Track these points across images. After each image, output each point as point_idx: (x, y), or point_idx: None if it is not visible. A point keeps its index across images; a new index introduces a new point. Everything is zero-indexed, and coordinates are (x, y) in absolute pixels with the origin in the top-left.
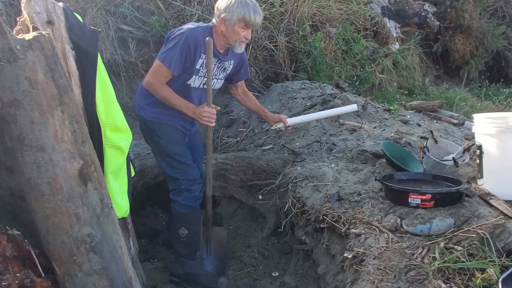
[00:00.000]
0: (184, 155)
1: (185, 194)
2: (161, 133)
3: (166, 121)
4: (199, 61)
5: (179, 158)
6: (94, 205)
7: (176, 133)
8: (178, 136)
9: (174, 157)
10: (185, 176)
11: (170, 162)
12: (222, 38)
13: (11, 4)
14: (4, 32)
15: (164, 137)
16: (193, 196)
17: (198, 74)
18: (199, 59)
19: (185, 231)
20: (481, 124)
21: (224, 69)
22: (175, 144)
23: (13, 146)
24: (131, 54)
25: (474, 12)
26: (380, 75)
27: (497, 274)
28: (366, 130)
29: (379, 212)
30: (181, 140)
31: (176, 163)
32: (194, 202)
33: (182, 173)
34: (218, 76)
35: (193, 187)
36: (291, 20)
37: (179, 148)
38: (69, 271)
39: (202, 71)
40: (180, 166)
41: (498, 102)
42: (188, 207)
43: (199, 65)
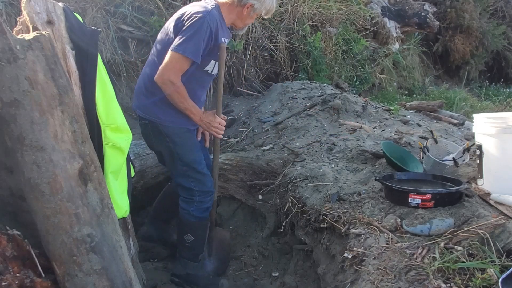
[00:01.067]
0: (200, 162)
1: (196, 205)
2: (178, 140)
3: (181, 124)
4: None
5: (196, 167)
6: (94, 205)
7: (192, 137)
8: (193, 140)
9: (191, 166)
10: (200, 188)
11: (185, 171)
12: (235, 18)
13: (11, 4)
14: (4, 32)
15: (180, 144)
16: (205, 207)
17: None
18: (220, 44)
19: (191, 238)
20: (481, 124)
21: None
22: (192, 151)
23: (13, 146)
24: (131, 54)
25: (474, 12)
26: (380, 75)
27: (497, 274)
28: (366, 130)
29: (379, 212)
30: (197, 144)
31: (192, 172)
32: (204, 213)
33: (197, 184)
34: None
35: (206, 199)
36: (291, 20)
37: (196, 155)
38: (69, 271)
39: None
40: (196, 176)
41: (498, 102)
42: (197, 218)
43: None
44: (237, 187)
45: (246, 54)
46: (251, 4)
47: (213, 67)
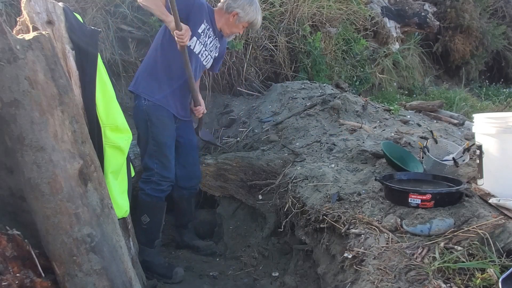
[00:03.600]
0: (170, 147)
1: (152, 185)
2: (155, 120)
3: (161, 102)
4: (201, 26)
5: (165, 150)
6: (94, 205)
7: (169, 122)
8: (170, 125)
9: (160, 147)
10: (160, 170)
11: (154, 151)
12: (223, 24)
13: (11, 4)
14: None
15: (157, 124)
16: (160, 189)
17: (199, 39)
18: (201, 23)
19: (147, 219)
20: (481, 124)
21: (216, 47)
22: (165, 135)
23: (13, 146)
24: (131, 54)
25: (474, 12)
26: (380, 75)
27: (497, 274)
28: (366, 130)
29: (379, 212)
30: (172, 130)
31: (159, 154)
32: (160, 194)
33: (159, 166)
34: (211, 53)
35: (163, 183)
36: (291, 20)
37: (168, 139)
38: (69, 271)
39: (204, 40)
40: (162, 159)
41: (498, 102)
42: (153, 197)
43: (201, 30)
44: (237, 187)
45: (246, 54)
46: (236, 13)
47: (194, 43)
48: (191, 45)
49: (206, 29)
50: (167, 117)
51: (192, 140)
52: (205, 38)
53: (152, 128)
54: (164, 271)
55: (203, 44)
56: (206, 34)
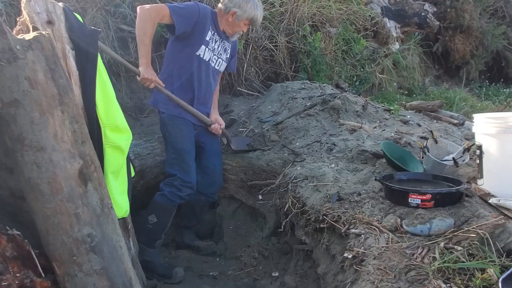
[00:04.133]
0: (189, 152)
1: (173, 189)
2: (172, 128)
3: (175, 112)
4: (208, 33)
5: (185, 156)
6: (94, 205)
7: (186, 129)
8: (187, 132)
9: (180, 154)
10: (182, 175)
11: (174, 159)
12: (224, 24)
13: (11, 4)
14: (4, 32)
15: (174, 133)
16: (179, 194)
17: (208, 46)
18: (208, 31)
19: (154, 219)
20: (481, 124)
21: (225, 49)
22: (183, 141)
23: (13, 146)
24: (131, 54)
25: (474, 12)
26: (380, 75)
27: (497, 274)
28: (366, 130)
29: (379, 212)
30: (190, 138)
31: (180, 161)
32: (177, 199)
33: (181, 172)
34: (221, 56)
35: (184, 189)
36: (291, 20)
37: (186, 145)
38: (69, 271)
39: (212, 46)
40: (182, 165)
41: (498, 102)
42: (169, 200)
43: (209, 37)
44: (237, 187)
45: (246, 54)
46: (234, 12)
47: (204, 52)
48: (200, 54)
49: (212, 35)
50: (184, 124)
51: (213, 146)
52: (212, 44)
53: (170, 138)
54: (164, 271)
55: (212, 50)
56: (213, 40)
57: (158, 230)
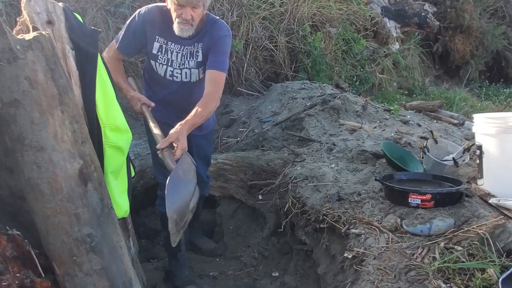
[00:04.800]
0: None
1: (160, 201)
2: (149, 132)
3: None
4: (155, 44)
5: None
6: (94, 205)
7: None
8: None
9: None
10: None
11: (154, 165)
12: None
13: (11, 4)
14: (4, 32)
15: (150, 137)
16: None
17: (157, 61)
18: (153, 41)
19: (166, 233)
20: (481, 124)
21: (190, 54)
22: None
23: (13, 146)
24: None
25: (474, 12)
26: (380, 75)
27: (497, 274)
28: (366, 130)
29: (379, 212)
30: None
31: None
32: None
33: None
34: (187, 65)
35: None
36: (291, 20)
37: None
38: (69, 271)
39: (162, 58)
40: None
41: (498, 102)
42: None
43: (156, 49)
44: (237, 187)
45: (246, 54)
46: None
47: (155, 68)
48: (158, 71)
49: (162, 44)
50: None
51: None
52: (165, 56)
53: (149, 141)
54: (179, 284)
55: (166, 64)
56: (163, 50)
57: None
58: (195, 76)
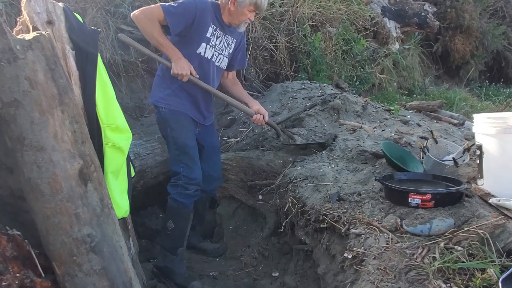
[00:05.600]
0: (193, 148)
1: (179, 189)
2: (174, 124)
3: (178, 107)
4: (209, 29)
5: (189, 151)
6: (94, 205)
7: (189, 124)
8: (190, 127)
9: (183, 150)
10: (186, 173)
11: (178, 155)
12: (228, 15)
13: (11, 4)
14: (4, 32)
15: (176, 128)
16: (187, 193)
17: (209, 43)
18: (208, 27)
19: (172, 225)
20: (481, 124)
21: (227, 44)
22: (186, 136)
23: (13, 146)
24: (131, 54)
25: (474, 12)
26: (380, 75)
27: (497, 274)
28: (366, 130)
29: (379, 212)
30: (192, 133)
31: (184, 156)
32: (186, 199)
33: (185, 169)
34: (223, 52)
35: (190, 187)
36: (291, 20)
37: (189, 140)
38: (69, 271)
39: (214, 42)
40: (187, 162)
41: (498, 102)
42: (179, 203)
43: (210, 33)
44: (237, 187)
45: (246, 54)
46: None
47: (204, 49)
48: (201, 52)
49: (213, 30)
50: (186, 119)
51: (213, 143)
52: (214, 41)
53: (173, 133)
54: (181, 281)
55: (213, 47)
56: (214, 36)
57: (177, 236)
58: (224, 64)
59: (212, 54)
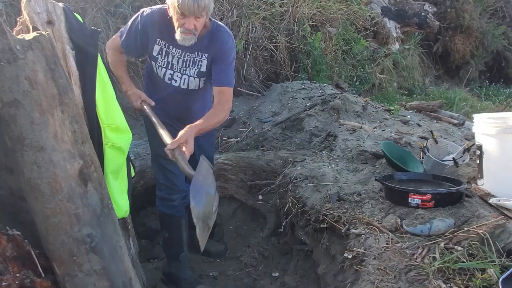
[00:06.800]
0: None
1: (163, 201)
2: (150, 128)
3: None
4: (155, 47)
5: (161, 161)
6: (94, 205)
7: None
8: None
9: (157, 159)
10: (165, 181)
11: (155, 165)
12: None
13: (11, 4)
14: (4, 32)
15: (151, 137)
16: (171, 204)
17: (158, 63)
18: (154, 44)
19: (166, 234)
20: (481, 124)
21: (193, 62)
22: (158, 144)
23: (13, 146)
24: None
25: (474, 12)
26: (380, 75)
27: (497, 274)
28: (366, 130)
29: (379, 212)
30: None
31: (159, 165)
32: (172, 210)
33: (164, 178)
34: (188, 72)
35: (173, 197)
36: (291, 20)
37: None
38: (69, 271)
39: (162, 61)
40: (162, 171)
41: (498, 102)
42: (166, 215)
43: (156, 52)
44: (237, 187)
45: (246, 54)
46: (168, 6)
47: (157, 70)
48: (158, 73)
49: (163, 46)
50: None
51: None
52: (165, 59)
53: (149, 142)
54: (186, 286)
55: (166, 67)
56: (164, 54)
57: (174, 243)
58: (194, 84)
59: (164, 73)
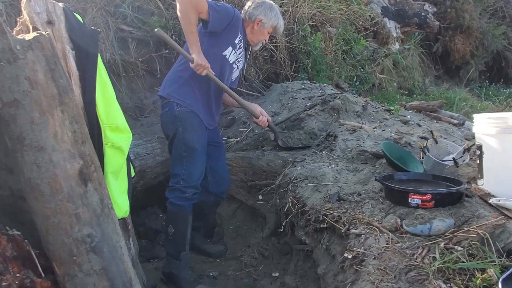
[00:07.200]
0: (201, 154)
1: (177, 193)
2: (188, 125)
3: (194, 107)
4: (238, 37)
5: (195, 155)
6: (94, 205)
7: (201, 129)
8: (201, 132)
9: (191, 153)
10: (186, 177)
11: (183, 157)
12: (249, 33)
13: (11, 4)
14: (4, 32)
15: (190, 130)
16: (184, 196)
17: (235, 49)
18: (238, 34)
19: (172, 230)
20: (481, 124)
21: (243, 58)
22: (198, 140)
23: (13, 146)
24: (131, 55)
25: (474, 12)
26: (380, 75)
27: (497, 275)
28: (366, 130)
29: (379, 212)
30: (204, 137)
31: (188, 159)
32: (184, 202)
33: (186, 173)
34: (239, 64)
35: (187, 190)
36: (291, 20)
37: (199, 146)
38: (69, 271)
39: (238, 50)
40: (188, 164)
41: (498, 102)
42: (177, 206)
43: (237, 41)
44: (237, 187)
45: (246, 54)
46: (260, 19)
47: (230, 53)
48: (226, 55)
49: (239, 40)
50: (199, 123)
51: (221, 143)
52: (237, 49)
53: (185, 134)
54: (187, 286)
55: (236, 54)
56: (239, 46)
57: (178, 240)
58: (236, 75)
59: (234, 60)
